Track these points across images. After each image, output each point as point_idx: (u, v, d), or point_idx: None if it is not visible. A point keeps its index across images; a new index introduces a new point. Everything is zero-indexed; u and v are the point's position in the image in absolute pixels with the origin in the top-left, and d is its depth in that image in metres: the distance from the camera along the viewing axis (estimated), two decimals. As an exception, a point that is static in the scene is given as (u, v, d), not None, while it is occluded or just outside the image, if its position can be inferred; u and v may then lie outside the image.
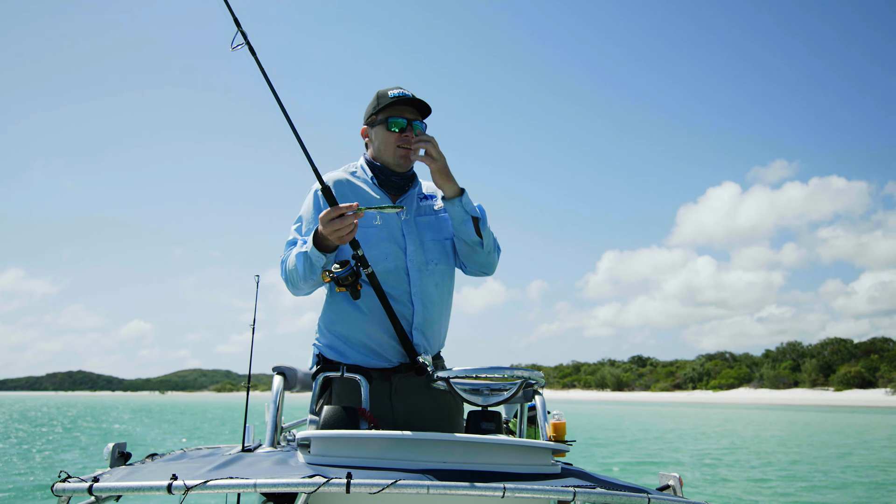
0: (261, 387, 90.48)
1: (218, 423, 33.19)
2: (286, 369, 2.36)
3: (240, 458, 1.79)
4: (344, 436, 1.72)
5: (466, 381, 1.82)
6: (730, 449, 18.26)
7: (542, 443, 1.74)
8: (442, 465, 1.67)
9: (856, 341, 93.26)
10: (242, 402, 26.59)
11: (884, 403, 69.36)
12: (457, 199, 2.29)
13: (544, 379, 1.82)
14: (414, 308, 2.32)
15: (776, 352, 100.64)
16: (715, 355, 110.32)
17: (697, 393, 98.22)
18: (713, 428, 28.82)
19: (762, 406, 69.66)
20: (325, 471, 1.57)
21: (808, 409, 60.40)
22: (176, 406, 70.32)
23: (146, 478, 1.55)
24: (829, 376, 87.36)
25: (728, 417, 40.23)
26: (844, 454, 16.95)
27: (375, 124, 2.40)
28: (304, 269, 2.22)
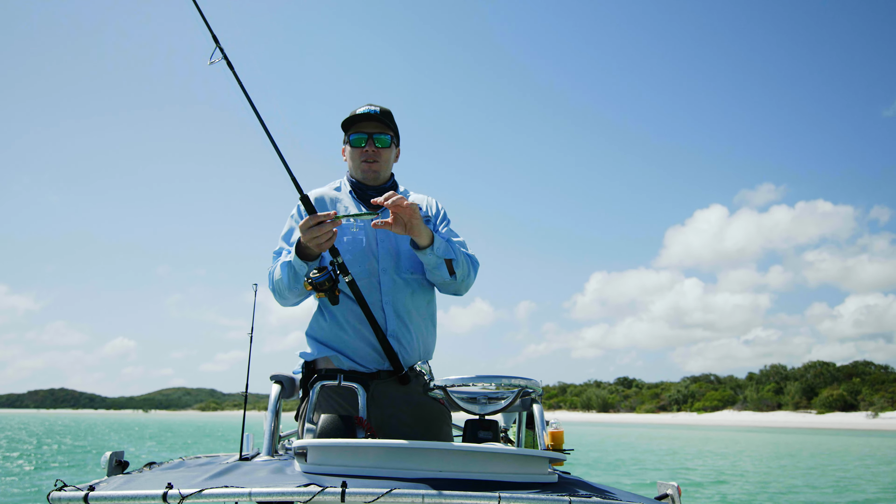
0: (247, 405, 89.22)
1: (213, 439, 32.75)
2: (283, 378, 2.36)
3: (236, 466, 1.78)
4: (340, 444, 1.71)
5: (463, 390, 1.83)
6: (705, 471, 18.26)
7: (538, 452, 1.73)
8: (438, 473, 1.66)
9: (839, 364, 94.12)
10: (228, 422, 26.60)
11: (864, 426, 69.80)
12: (428, 248, 2.29)
13: (541, 387, 1.83)
14: (386, 315, 2.36)
15: (760, 374, 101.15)
16: (700, 377, 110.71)
17: (682, 415, 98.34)
18: (690, 449, 28.83)
19: (745, 428, 69.82)
20: (320, 479, 1.56)
21: (789, 431, 60.64)
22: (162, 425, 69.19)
23: (142, 486, 1.54)
24: (812, 399, 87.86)
25: (709, 439, 40.28)
26: (816, 475, 17.02)
27: (346, 142, 2.53)
28: (287, 277, 2.30)
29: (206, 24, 2.37)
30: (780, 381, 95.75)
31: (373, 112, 2.46)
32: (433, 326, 2.53)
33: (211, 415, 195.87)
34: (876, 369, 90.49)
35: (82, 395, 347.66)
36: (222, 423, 71.57)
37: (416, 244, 2.31)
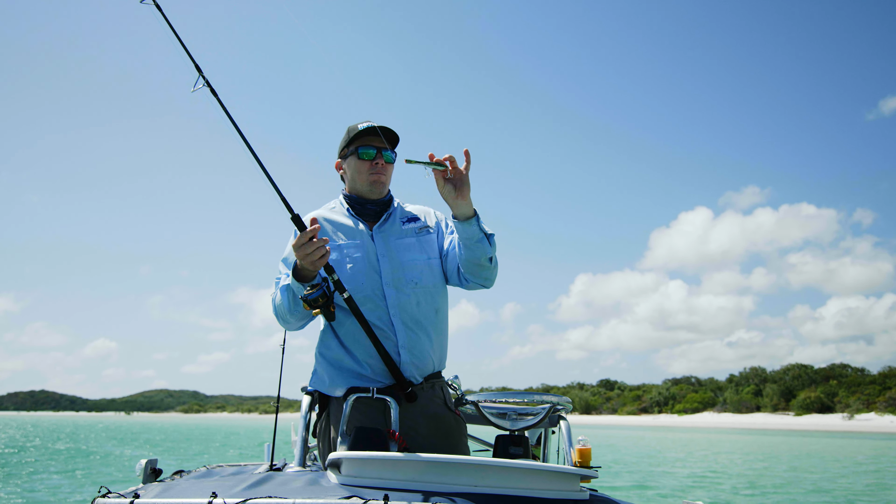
0: (229, 408, 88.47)
1: (205, 443, 32.43)
2: (314, 390, 2.37)
3: (271, 477, 1.80)
4: (376, 458, 1.74)
5: (495, 406, 1.86)
6: (686, 473, 18.46)
7: (570, 468, 1.76)
8: (473, 488, 1.69)
9: (817, 367, 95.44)
10: (214, 425, 26.22)
11: (840, 428, 70.82)
12: (473, 219, 2.32)
13: (571, 405, 1.87)
14: (395, 328, 2.37)
15: (739, 377, 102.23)
16: (681, 380, 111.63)
17: (663, 417, 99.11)
18: (665, 450, 29.11)
19: (724, 430, 70.55)
20: (359, 492, 1.59)
21: (767, 433, 61.35)
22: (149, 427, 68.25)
23: (185, 495, 1.56)
24: (790, 401, 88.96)
25: (687, 441, 40.68)
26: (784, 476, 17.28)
27: (348, 156, 2.53)
28: (288, 301, 2.33)
29: (187, 53, 2.42)
30: (760, 383, 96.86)
31: (382, 127, 2.47)
32: (445, 335, 2.52)
33: (195, 417, 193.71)
34: (853, 372, 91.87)
35: (63, 398, 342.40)
36: (209, 427, 70.83)
37: (458, 214, 2.31)
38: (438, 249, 2.54)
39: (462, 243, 2.38)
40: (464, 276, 2.48)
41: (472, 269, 2.43)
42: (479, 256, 2.38)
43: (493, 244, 2.40)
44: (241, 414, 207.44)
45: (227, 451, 26.12)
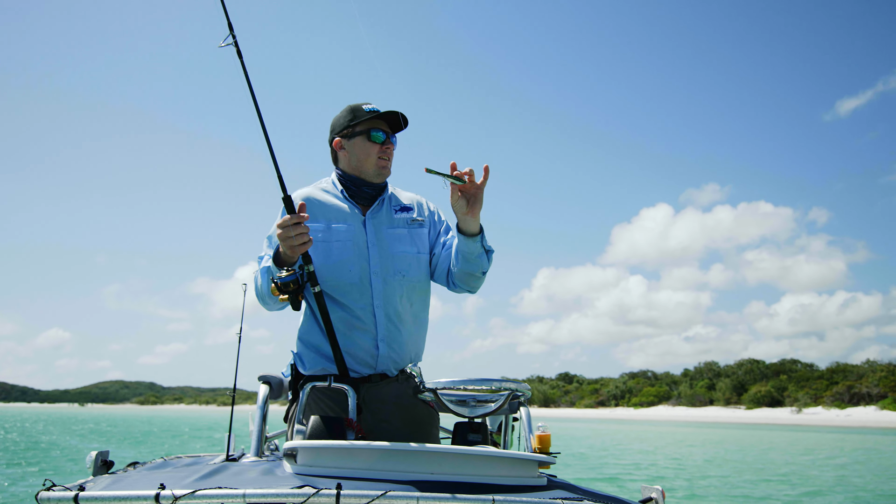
0: (186, 400, 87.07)
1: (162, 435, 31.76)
2: (272, 378, 2.34)
3: (225, 467, 1.76)
4: (332, 446, 1.71)
5: (454, 393, 1.85)
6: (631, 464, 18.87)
7: (528, 455, 1.77)
8: (430, 476, 1.68)
9: (768, 362, 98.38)
10: (172, 416, 25.77)
11: (789, 421, 73.14)
12: (478, 236, 2.33)
13: (530, 391, 1.86)
14: (377, 319, 2.33)
15: (694, 371, 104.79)
16: (638, 374, 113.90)
17: (619, 410, 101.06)
18: (620, 443, 29.71)
19: (678, 423, 72.24)
20: (313, 481, 1.56)
21: (719, 425, 62.99)
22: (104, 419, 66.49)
23: (133, 487, 1.52)
24: (742, 395, 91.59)
25: (640, 433, 41.57)
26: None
27: (354, 136, 2.44)
28: (265, 283, 2.27)
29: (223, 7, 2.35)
30: (713, 377, 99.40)
31: (394, 112, 2.42)
32: (424, 329, 2.52)
33: (151, 409, 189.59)
34: (802, 367, 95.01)
35: (14, 388, 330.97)
36: (167, 419, 69.49)
37: (465, 229, 2.31)
38: (429, 244, 2.51)
39: (461, 255, 2.38)
40: (453, 281, 2.49)
41: (463, 279, 2.45)
42: (476, 270, 2.41)
43: (490, 259, 2.42)
44: (198, 406, 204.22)
45: (195, 442, 25.69)
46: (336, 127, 2.49)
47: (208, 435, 31.56)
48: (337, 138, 2.48)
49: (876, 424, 63.14)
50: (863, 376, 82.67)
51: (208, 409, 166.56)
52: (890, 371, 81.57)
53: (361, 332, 2.32)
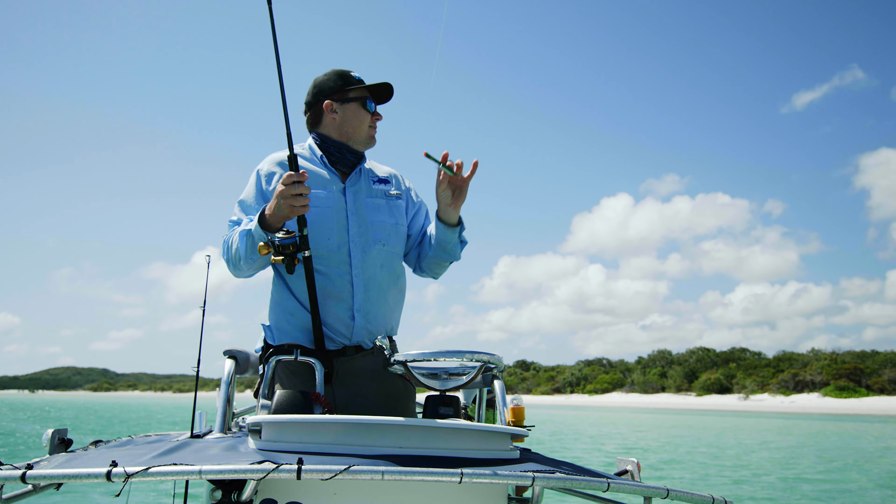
0: (141, 387, 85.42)
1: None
2: (237, 353, 2.25)
3: (187, 444, 1.69)
4: (296, 420, 1.65)
5: (424, 365, 1.79)
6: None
7: (500, 427, 1.73)
8: (398, 450, 1.63)
9: (718, 350, 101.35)
10: (128, 403, 25.32)
11: (736, 408, 75.57)
12: (458, 228, 2.39)
13: (503, 363, 1.82)
14: (354, 289, 2.28)
15: (648, 359, 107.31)
16: (593, 361, 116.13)
17: (574, 396, 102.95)
18: (575, 426, 30.28)
19: (630, 409, 73.98)
20: (275, 457, 1.50)
21: (670, 412, 64.71)
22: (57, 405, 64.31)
23: (85, 465, 1.44)
24: (693, 382, 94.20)
25: (602, 419, 42.43)
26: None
27: (348, 101, 2.39)
28: (245, 247, 2.18)
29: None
30: (666, 365, 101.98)
31: (385, 84, 2.43)
32: (401, 301, 2.48)
33: (105, 395, 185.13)
34: (751, 355, 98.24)
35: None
36: (123, 405, 67.89)
37: (445, 219, 2.36)
38: (406, 218, 2.51)
39: (437, 243, 2.42)
40: (421, 266, 2.53)
41: (432, 265, 2.50)
42: (448, 259, 2.47)
43: (462, 249, 2.47)
44: (154, 392, 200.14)
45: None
46: (325, 89, 2.41)
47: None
48: (328, 101, 2.41)
49: (817, 411, 65.72)
50: (807, 365, 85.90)
51: (166, 396, 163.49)
52: (832, 360, 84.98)
53: (337, 302, 2.26)
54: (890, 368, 79.23)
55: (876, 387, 77.68)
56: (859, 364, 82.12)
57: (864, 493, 11.27)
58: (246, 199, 2.35)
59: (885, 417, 54.01)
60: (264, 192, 2.32)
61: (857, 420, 47.92)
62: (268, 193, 2.30)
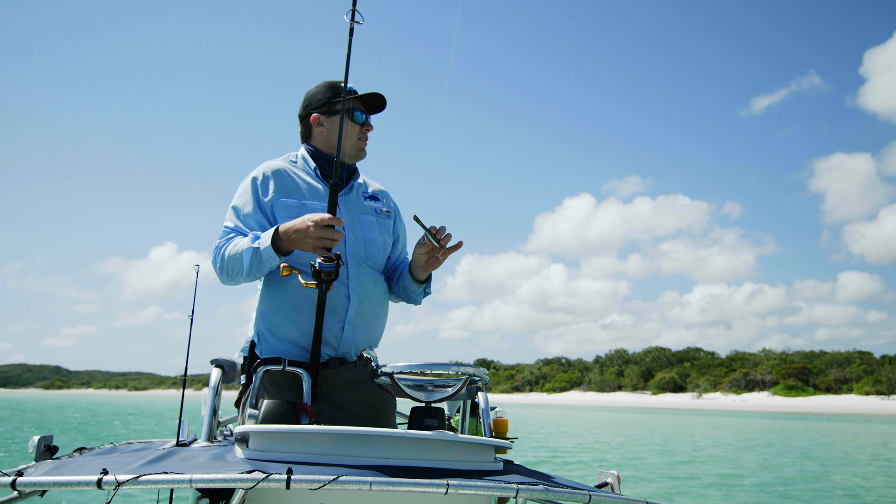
0: (94, 384, 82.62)
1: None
2: (224, 362, 2.24)
3: (174, 452, 1.69)
4: (284, 430, 1.66)
5: (410, 377, 1.82)
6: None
7: (484, 440, 1.76)
8: (384, 461, 1.65)
9: (674, 350, 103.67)
10: (76, 401, 24.53)
11: (689, 406, 77.45)
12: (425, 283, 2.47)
13: (488, 376, 1.86)
14: (350, 302, 2.29)
15: (605, 358, 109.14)
16: (552, 360, 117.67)
17: (533, 395, 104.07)
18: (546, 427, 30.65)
19: (588, 407, 75.11)
20: (264, 466, 1.51)
21: (625, 410, 65.96)
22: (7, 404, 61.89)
23: (74, 472, 1.43)
24: (649, 381, 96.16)
25: (560, 417, 42.98)
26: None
27: (335, 113, 2.39)
28: (250, 265, 2.17)
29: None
30: (623, 364, 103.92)
31: (374, 94, 2.42)
32: (386, 315, 2.50)
33: (57, 394, 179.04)
34: (704, 355, 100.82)
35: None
36: (72, 404, 65.86)
37: (415, 277, 2.43)
38: (392, 237, 2.54)
39: (403, 287, 2.51)
40: (394, 292, 2.56)
41: (400, 298, 2.58)
42: (409, 301, 2.57)
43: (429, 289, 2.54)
44: (108, 391, 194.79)
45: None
46: (314, 102, 2.43)
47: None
48: (315, 114, 2.42)
49: (767, 409, 67.74)
50: (758, 364, 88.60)
51: (121, 395, 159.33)
52: (782, 360, 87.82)
53: (330, 313, 2.25)
54: (836, 368, 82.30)
55: (822, 386, 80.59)
56: (807, 364, 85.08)
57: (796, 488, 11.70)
58: (241, 207, 2.32)
59: (830, 416, 55.99)
60: (261, 202, 2.31)
61: (802, 418, 49.56)
62: (263, 204, 2.30)
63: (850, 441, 25.38)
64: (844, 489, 11.89)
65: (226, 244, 2.25)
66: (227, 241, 2.26)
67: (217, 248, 2.27)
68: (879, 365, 79.69)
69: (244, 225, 2.29)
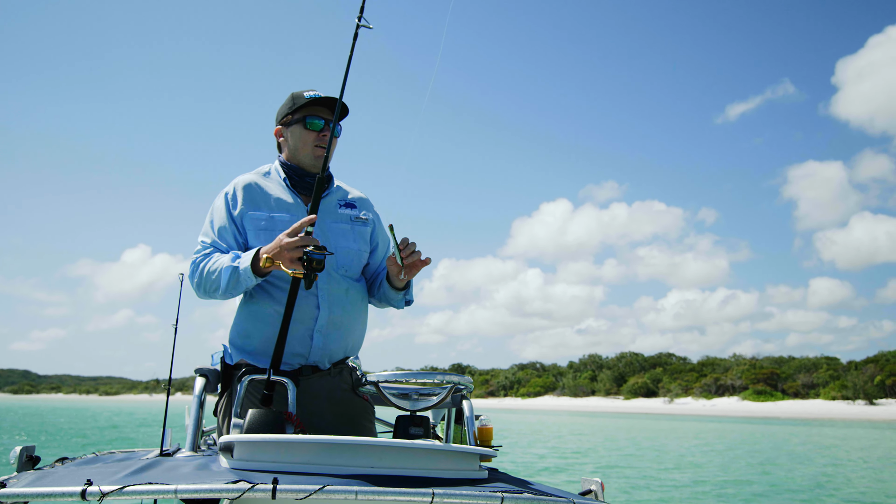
0: (64, 389, 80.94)
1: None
2: (208, 371, 2.22)
3: (158, 462, 1.67)
4: (269, 440, 1.65)
5: (395, 386, 1.83)
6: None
7: (469, 448, 1.76)
8: (370, 470, 1.65)
9: (647, 355, 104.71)
10: (46, 405, 23.99)
11: (661, 410, 78.32)
12: (403, 291, 2.45)
13: (472, 385, 1.87)
14: (319, 311, 2.29)
15: (579, 363, 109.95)
16: (527, 365, 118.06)
17: (508, 399, 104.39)
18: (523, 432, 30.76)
19: (561, 412, 75.51)
20: (249, 476, 1.51)
21: (597, 415, 66.41)
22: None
23: (58, 483, 1.42)
24: (622, 386, 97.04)
25: (536, 422, 43.16)
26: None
27: (292, 124, 2.40)
28: (227, 284, 2.18)
29: None
30: (596, 369, 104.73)
31: (332, 98, 2.37)
32: (364, 324, 2.50)
33: (26, 399, 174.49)
34: (676, 360, 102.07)
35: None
36: (41, 409, 64.28)
37: (394, 283, 2.40)
38: (370, 244, 2.53)
39: (383, 294, 2.49)
40: (375, 297, 2.55)
41: (381, 304, 2.57)
42: (390, 307, 2.56)
43: (411, 296, 2.52)
44: (79, 395, 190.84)
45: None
46: (278, 115, 2.46)
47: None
48: (278, 127, 2.45)
49: (736, 414, 68.79)
50: (728, 370, 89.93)
51: (92, 399, 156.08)
52: (752, 365, 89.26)
53: (298, 323, 2.25)
54: (804, 374, 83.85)
55: (791, 391, 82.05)
56: (776, 369, 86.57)
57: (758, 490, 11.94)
58: (214, 222, 2.35)
59: (797, 420, 57.07)
60: (232, 216, 2.33)
61: (770, 423, 50.46)
62: (235, 217, 2.33)
63: (806, 443, 26.19)
64: (797, 490, 12.25)
65: (204, 260, 2.26)
66: (204, 256, 2.27)
67: (194, 263, 2.28)
68: (845, 370, 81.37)
69: (219, 239, 2.32)
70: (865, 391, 72.53)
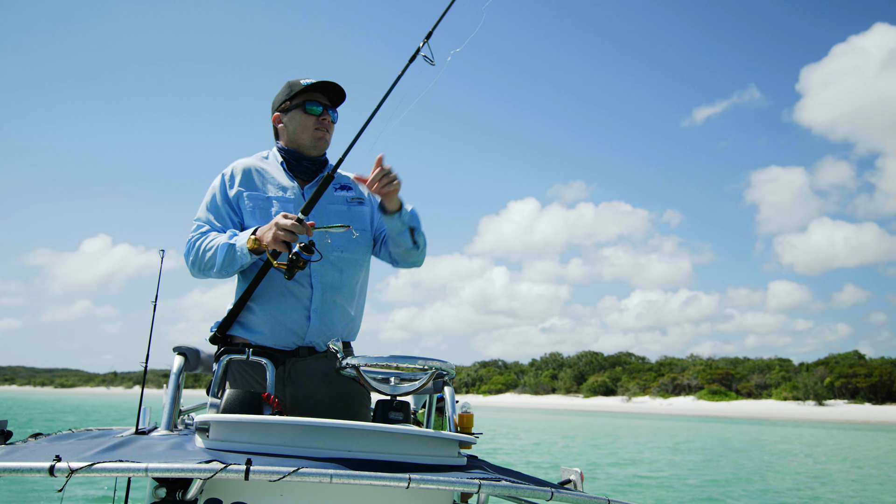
0: (18, 381, 78.60)
1: None
2: (187, 349, 2.19)
3: (132, 440, 1.65)
4: (245, 420, 1.63)
5: (377, 370, 1.81)
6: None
7: (448, 434, 1.76)
8: (347, 454, 1.64)
9: (606, 354, 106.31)
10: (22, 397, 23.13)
11: (619, 409, 79.68)
12: (396, 214, 2.40)
13: (454, 371, 1.86)
14: (313, 291, 2.32)
15: (540, 361, 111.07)
16: (489, 362, 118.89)
17: (469, 396, 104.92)
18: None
19: (521, 409, 76.27)
20: (223, 456, 1.50)
21: (557, 412, 67.28)
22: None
23: (27, 458, 1.39)
24: (581, 384, 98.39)
25: (500, 419, 43.53)
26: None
27: (290, 109, 2.46)
28: (223, 261, 2.22)
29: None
30: (557, 367, 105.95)
31: (329, 83, 2.44)
32: (361, 308, 2.52)
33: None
34: (636, 360, 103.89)
35: None
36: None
37: (384, 208, 2.37)
38: (370, 223, 2.54)
39: (388, 236, 2.48)
40: (395, 259, 2.55)
41: (400, 255, 2.52)
42: (400, 247, 2.47)
43: (419, 234, 2.48)
44: (33, 388, 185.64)
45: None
46: (275, 103, 2.51)
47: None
48: (276, 114, 2.50)
49: (692, 413, 70.39)
50: (685, 369, 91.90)
51: (48, 391, 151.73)
52: (707, 365, 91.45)
53: (294, 302, 2.30)
54: (757, 374, 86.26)
55: (744, 391, 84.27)
56: (731, 370, 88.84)
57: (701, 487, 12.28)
58: (210, 202, 2.40)
59: (750, 420, 58.69)
60: (228, 197, 2.39)
61: (722, 422, 51.77)
62: (231, 198, 2.39)
63: (753, 442, 26.96)
64: (735, 481, 12.62)
65: (200, 238, 2.30)
66: (201, 234, 2.32)
67: (190, 241, 2.32)
68: (797, 372, 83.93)
69: (215, 219, 2.37)
70: (815, 392, 74.92)
